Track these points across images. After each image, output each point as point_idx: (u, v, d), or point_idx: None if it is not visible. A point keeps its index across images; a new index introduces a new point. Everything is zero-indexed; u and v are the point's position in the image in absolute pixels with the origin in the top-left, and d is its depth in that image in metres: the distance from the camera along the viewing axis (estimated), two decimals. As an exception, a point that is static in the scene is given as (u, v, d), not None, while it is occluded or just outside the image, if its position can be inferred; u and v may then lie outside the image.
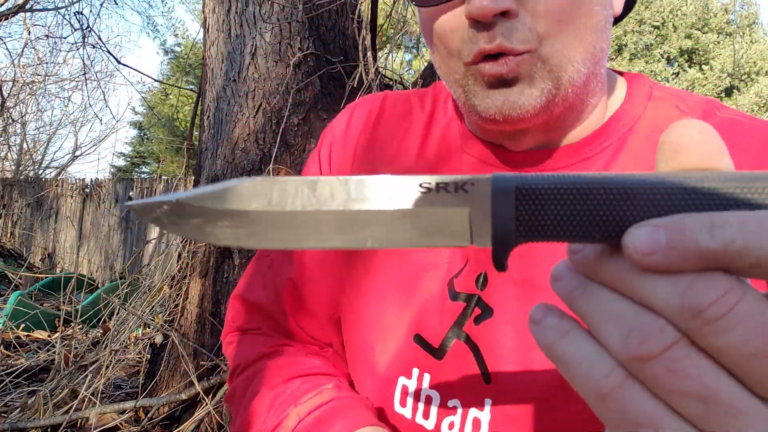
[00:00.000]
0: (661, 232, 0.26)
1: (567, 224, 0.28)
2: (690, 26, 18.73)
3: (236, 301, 0.83)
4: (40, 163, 12.42)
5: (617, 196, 0.27)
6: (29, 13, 6.76)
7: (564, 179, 0.28)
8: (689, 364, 0.26)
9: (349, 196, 0.30)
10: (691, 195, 0.27)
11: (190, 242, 2.57)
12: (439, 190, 0.30)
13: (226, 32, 2.60)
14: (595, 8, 0.58)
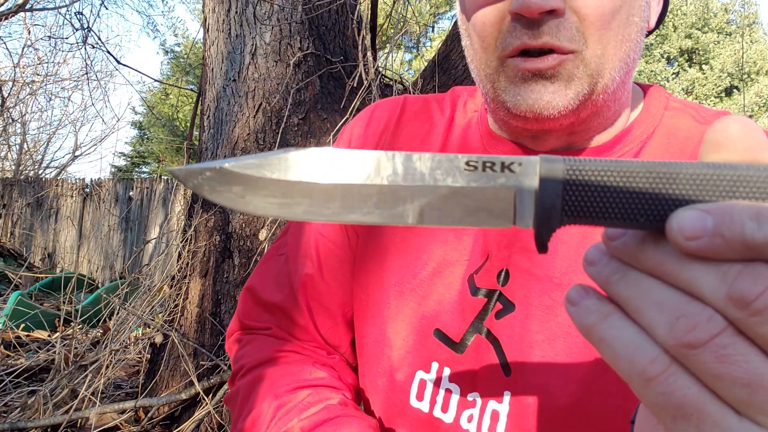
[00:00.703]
0: (709, 218, 0.26)
1: (612, 206, 0.28)
2: (690, 26, 18.73)
3: (248, 295, 0.83)
4: (40, 163, 12.42)
5: (663, 179, 0.28)
6: (29, 13, 6.76)
7: (610, 163, 0.28)
8: (736, 351, 0.26)
9: (395, 171, 0.30)
10: (736, 183, 0.27)
11: (191, 242, 2.57)
12: (485, 169, 0.30)
13: (226, 32, 2.60)
14: (634, 18, 0.59)
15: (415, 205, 0.30)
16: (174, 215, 5.24)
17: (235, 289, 2.48)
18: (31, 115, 11.95)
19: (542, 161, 0.29)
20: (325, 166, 0.31)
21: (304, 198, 0.31)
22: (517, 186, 0.30)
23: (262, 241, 2.45)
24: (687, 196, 0.28)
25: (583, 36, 0.57)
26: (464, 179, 0.30)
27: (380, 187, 0.30)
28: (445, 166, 0.30)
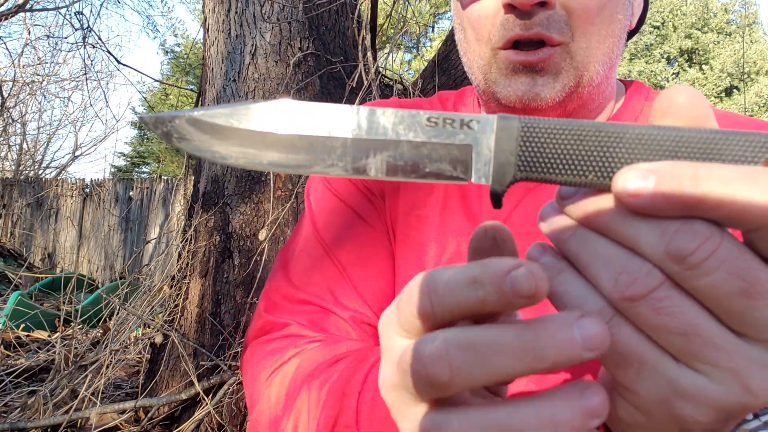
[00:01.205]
0: (651, 176, 0.28)
1: (563, 163, 0.30)
2: (690, 26, 18.73)
3: (272, 293, 0.76)
4: (40, 163, 12.42)
5: (611, 138, 0.30)
6: (29, 13, 6.76)
7: (563, 122, 0.30)
8: (672, 303, 0.28)
9: (359, 125, 0.31)
10: (678, 144, 0.29)
11: (191, 242, 2.57)
12: (445, 125, 0.31)
13: (226, 32, 2.60)
14: (618, 16, 0.63)
15: (377, 159, 0.31)
16: (174, 215, 5.24)
17: (235, 289, 2.48)
18: (31, 115, 11.96)
19: (499, 119, 0.31)
20: (291, 118, 0.32)
21: (269, 148, 0.32)
22: (474, 142, 0.31)
23: (262, 241, 2.45)
24: (633, 154, 0.29)
25: (571, 29, 0.60)
26: (425, 134, 0.31)
27: (344, 140, 0.31)
28: (407, 122, 0.31)
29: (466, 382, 0.29)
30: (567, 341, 0.28)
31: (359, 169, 0.32)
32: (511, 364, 0.28)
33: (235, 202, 2.51)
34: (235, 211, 2.50)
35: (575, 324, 0.29)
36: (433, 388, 0.29)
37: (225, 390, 2.33)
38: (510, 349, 0.28)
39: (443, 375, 0.28)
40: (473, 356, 0.28)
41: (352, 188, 0.77)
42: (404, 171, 0.32)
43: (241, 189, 2.51)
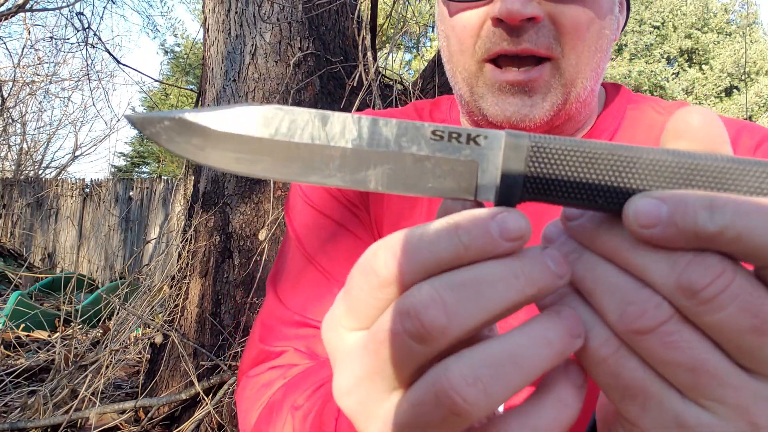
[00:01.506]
0: (664, 206, 0.26)
1: (573, 186, 0.29)
2: (690, 26, 18.73)
3: (266, 319, 0.75)
4: (40, 163, 12.41)
5: (624, 163, 0.28)
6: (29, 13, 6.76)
7: (575, 142, 0.29)
8: (681, 338, 0.27)
9: (360, 135, 0.30)
10: (694, 172, 0.27)
11: (191, 242, 2.57)
12: (451, 140, 0.30)
13: (226, 32, 2.60)
14: (605, 31, 0.63)
15: (378, 171, 0.30)
16: (174, 215, 5.24)
17: (235, 289, 2.48)
18: (31, 115, 11.95)
19: (508, 136, 0.29)
20: (288, 124, 0.30)
21: (264, 155, 0.30)
22: (481, 158, 0.29)
23: (262, 241, 2.45)
24: (646, 181, 0.28)
25: (560, 44, 0.60)
26: (429, 148, 0.30)
27: (343, 149, 0.30)
28: (411, 134, 0.30)
29: (464, 323, 0.27)
30: (543, 265, 0.28)
31: (358, 180, 0.30)
32: (504, 293, 0.27)
33: (235, 202, 2.51)
34: (235, 211, 2.50)
35: (543, 253, 0.28)
36: (427, 340, 0.27)
37: (225, 390, 2.33)
38: (501, 278, 0.28)
39: (440, 319, 0.27)
40: (466, 293, 0.27)
41: (332, 201, 0.76)
42: (406, 185, 0.30)
43: (241, 189, 2.51)
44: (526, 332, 0.28)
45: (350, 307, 0.31)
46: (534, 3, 0.58)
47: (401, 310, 0.28)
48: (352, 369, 0.30)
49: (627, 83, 17.60)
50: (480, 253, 0.28)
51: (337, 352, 0.32)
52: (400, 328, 0.28)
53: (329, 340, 0.32)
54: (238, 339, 2.41)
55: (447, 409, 0.27)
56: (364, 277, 0.29)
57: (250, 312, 2.45)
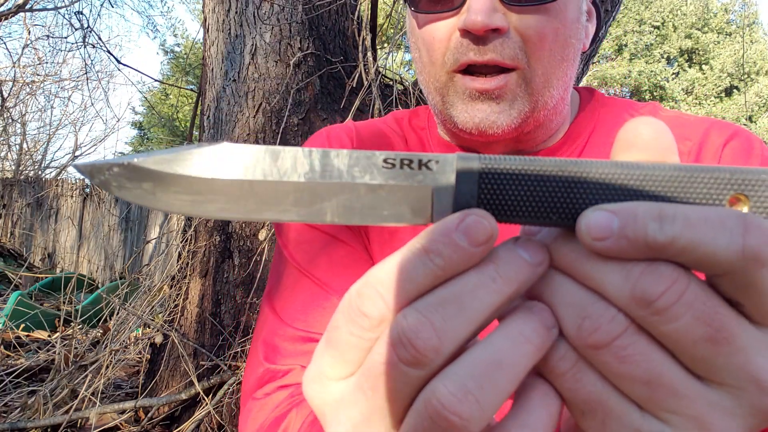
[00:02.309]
0: (615, 219, 0.27)
1: (526, 204, 0.29)
2: (690, 26, 18.73)
3: (269, 338, 0.74)
4: (40, 163, 12.41)
5: (574, 178, 0.28)
6: (29, 13, 6.76)
7: (524, 161, 0.29)
8: (636, 351, 0.27)
9: (312, 168, 0.30)
10: (642, 182, 0.28)
11: (191, 242, 2.57)
12: (403, 167, 0.30)
13: (226, 32, 2.60)
14: (571, 40, 0.64)
15: (333, 203, 0.30)
16: (174, 215, 5.24)
17: (235, 289, 2.48)
18: (31, 115, 11.95)
19: (458, 159, 0.30)
20: (239, 162, 0.30)
21: (217, 195, 0.30)
22: (434, 183, 0.30)
23: (262, 241, 2.45)
24: (596, 194, 0.28)
25: (526, 55, 0.62)
26: (382, 177, 0.30)
27: (297, 184, 0.30)
28: (363, 164, 0.30)
29: (455, 337, 0.27)
30: (517, 260, 0.28)
31: (314, 213, 0.30)
32: (487, 299, 0.28)
33: (235, 202, 2.51)
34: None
35: (515, 247, 0.29)
36: (423, 363, 0.27)
37: (225, 390, 2.33)
38: (479, 285, 0.28)
39: (432, 340, 0.27)
40: (451, 309, 0.27)
41: None
42: (362, 215, 0.30)
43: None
44: (504, 334, 0.28)
45: (339, 354, 0.30)
46: (499, 14, 0.60)
47: (393, 340, 0.28)
48: (348, 416, 0.30)
49: (627, 83, 17.59)
50: (457, 269, 0.28)
51: (325, 406, 0.32)
52: (395, 358, 0.28)
53: (314, 396, 0.32)
54: (238, 339, 2.41)
55: (445, 430, 0.27)
56: (353, 321, 0.29)
57: (250, 312, 2.45)
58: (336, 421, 0.31)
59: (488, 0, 0.59)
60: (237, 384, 2.34)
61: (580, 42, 0.67)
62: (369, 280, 0.29)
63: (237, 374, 2.36)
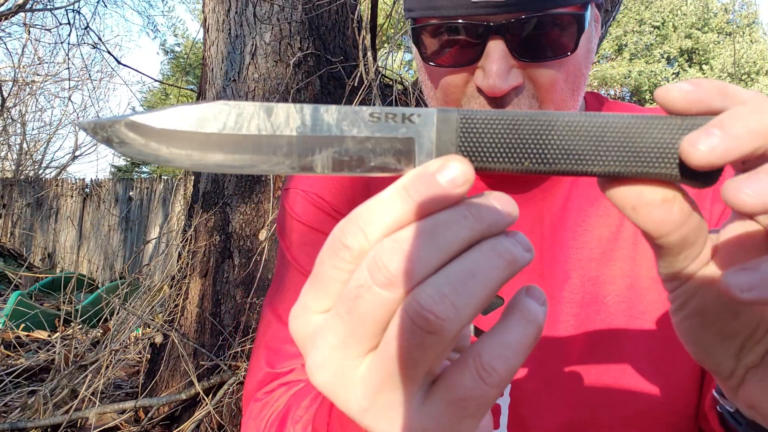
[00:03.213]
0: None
1: (501, 150, 0.32)
2: (690, 26, 18.73)
3: (271, 343, 0.74)
4: (40, 163, 12.41)
5: (543, 126, 0.31)
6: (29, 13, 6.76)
7: (499, 113, 0.32)
8: None
9: (304, 122, 0.32)
10: (604, 130, 0.31)
11: (191, 242, 2.57)
12: (388, 120, 0.32)
13: (226, 32, 2.60)
14: (583, 71, 0.64)
15: (323, 155, 0.32)
16: (174, 215, 5.23)
17: (235, 289, 2.48)
18: (31, 115, 11.95)
19: (439, 112, 0.32)
20: (235, 118, 0.32)
21: (215, 149, 0.32)
22: (417, 135, 0.32)
23: (262, 241, 2.45)
24: (564, 140, 0.31)
25: (538, 100, 0.62)
26: (368, 129, 0.32)
27: (289, 137, 0.32)
28: (351, 118, 0.32)
29: (425, 263, 0.29)
30: (488, 204, 0.31)
31: (305, 166, 0.32)
32: (458, 232, 0.30)
33: (235, 202, 2.51)
34: (235, 211, 2.50)
35: (487, 194, 0.31)
36: (393, 284, 0.29)
37: (225, 390, 2.33)
38: (450, 220, 0.30)
39: (403, 264, 0.29)
40: (423, 239, 0.29)
41: (321, 215, 0.77)
42: (350, 166, 0.32)
43: (241, 189, 2.51)
44: (479, 249, 0.30)
45: (321, 287, 0.32)
46: (514, 71, 0.59)
47: (369, 265, 0.30)
48: (324, 340, 0.32)
49: (627, 83, 17.59)
50: (433, 207, 0.30)
51: (306, 338, 0.33)
52: (369, 281, 0.29)
53: (298, 329, 0.33)
54: (238, 339, 2.41)
55: (423, 330, 0.29)
56: (335, 254, 0.31)
57: (250, 312, 2.45)
58: (315, 348, 0.32)
59: (504, 60, 0.58)
60: (237, 384, 2.34)
61: (591, 63, 0.67)
62: (351, 216, 0.31)
63: (237, 374, 2.36)
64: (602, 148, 0.31)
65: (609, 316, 0.65)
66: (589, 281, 0.67)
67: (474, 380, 0.30)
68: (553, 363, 0.64)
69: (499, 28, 0.57)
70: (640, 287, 0.66)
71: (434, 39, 0.62)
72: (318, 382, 0.32)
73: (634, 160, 0.31)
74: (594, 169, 0.31)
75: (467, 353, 0.31)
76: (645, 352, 0.64)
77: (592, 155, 0.31)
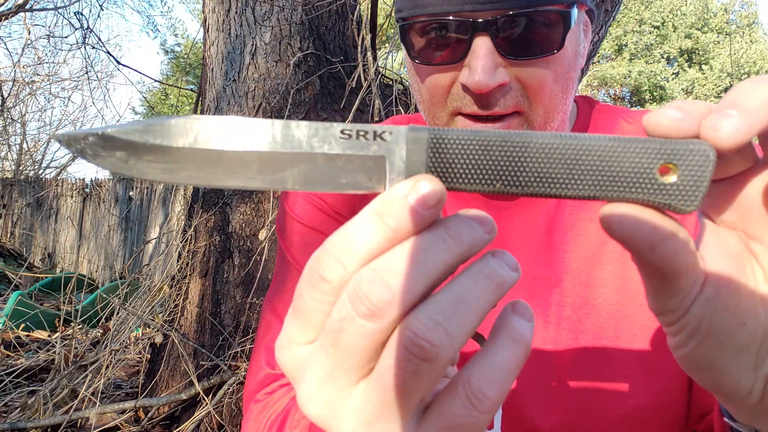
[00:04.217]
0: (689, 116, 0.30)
1: (472, 172, 0.31)
2: (690, 26, 18.72)
3: (272, 343, 0.75)
4: (40, 163, 12.40)
5: (516, 148, 0.31)
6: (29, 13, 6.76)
7: (471, 132, 0.31)
8: None
9: (274, 138, 0.32)
10: (579, 152, 0.30)
11: (191, 242, 2.57)
12: (359, 137, 0.32)
13: (226, 32, 2.60)
14: (571, 74, 0.64)
15: (294, 171, 0.32)
16: (174, 215, 5.24)
17: (235, 289, 2.48)
18: (31, 115, 11.95)
19: (409, 130, 0.32)
20: (207, 132, 0.32)
21: (187, 163, 0.32)
22: (388, 153, 0.32)
23: (262, 241, 2.45)
24: (537, 162, 0.31)
25: (527, 100, 0.61)
26: (339, 147, 0.32)
27: (260, 153, 0.32)
28: (322, 134, 0.32)
29: (408, 290, 0.29)
30: (466, 224, 0.30)
31: (276, 181, 0.32)
32: (438, 256, 0.29)
33: (235, 202, 2.51)
34: (235, 211, 2.50)
35: (461, 215, 0.31)
36: (378, 315, 0.29)
37: (225, 390, 2.33)
38: (430, 244, 0.29)
39: (385, 294, 0.28)
40: (403, 265, 0.29)
41: (321, 216, 0.76)
42: (321, 183, 0.32)
43: (241, 189, 2.50)
44: (467, 274, 0.30)
45: (304, 320, 0.32)
46: (500, 69, 0.59)
47: (350, 296, 0.29)
48: (312, 374, 0.31)
49: (627, 83, 17.58)
50: (408, 231, 0.30)
51: (294, 370, 0.33)
52: (352, 313, 0.29)
53: (285, 361, 0.33)
54: (238, 339, 2.41)
55: (418, 358, 0.28)
56: (314, 287, 0.31)
57: (250, 312, 2.45)
58: (303, 381, 0.32)
59: (489, 57, 0.58)
60: (237, 384, 2.34)
61: (579, 67, 0.67)
62: (327, 246, 0.31)
63: (237, 374, 2.36)
64: (577, 171, 0.30)
65: (600, 319, 0.65)
66: (580, 284, 0.67)
67: (465, 408, 0.29)
68: (546, 365, 0.65)
69: (485, 24, 0.57)
70: (630, 290, 0.66)
71: (421, 37, 0.62)
72: (309, 414, 0.32)
73: (610, 185, 0.30)
74: (568, 192, 0.31)
75: (457, 379, 0.30)
76: (635, 354, 0.64)
77: (567, 179, 0.31)
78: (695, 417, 0.64)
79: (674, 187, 0.30)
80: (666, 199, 0.30)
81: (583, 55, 0.69)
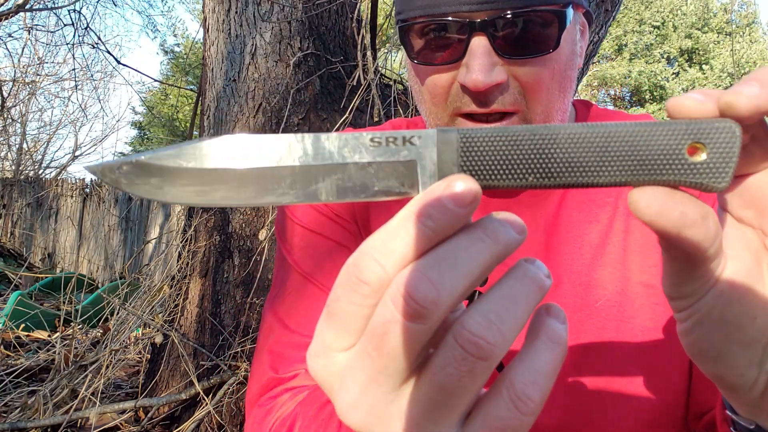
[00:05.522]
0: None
1: (503, 167, 0.32)
2: (690, 26, 18.72)
3: (275, 347, 0.74)
4: (40, 163, 12.40)
5: (545, 140, 0.31)
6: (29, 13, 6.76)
7: (499, 129, 0.32)
8: None
9: (306, 152, 0.32)
10: (607, 140, 0.31)
11: (191, 242, 2.57)
12: (389, 144, 0.32)
13: (226, 32, 2.60)
14: (568, 73, 0.65)
15: (327, 183, 0.32)
16: (174, 215, 5.23)
17: (235, 289, 2.48)
18: (31, 115, 11.95)
19: (438, 132, 0.32)
20: (238, 151, 0.32)
21: (220, 184, 0.32)
22: (418, 157, 0.32)
23: (262, 241, 2.45)
24: (567, 153, 0.31)
25: (525, 98, 0.62)
26: (370, 155, 0.32)
27: (292, 168, 0.32)
28: (352, 144, 0.32)
29: (451, 290, 0.29)
30: (500, 224, 0.31)
31: (310, 194, 0.32)
32: (477, 255, 0.29)
33: (235, 202, 2.50)
34: (235, 210, 2.50)
35: (495, 216, 0.31)
36: (424, 316, 0.29)
37: (225, 390, 2.33)
38: (469, 244, 0.30)
39: (431, 293, 0.28)
40: (445, 265, 0.29)
41: (321, 218, 0.76)
42: (354, 192, 0.32)
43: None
44: (512, 276, 0.31)
45: (341, 325, 0.31)
46: (498, 68, 0.60)
47: (394, 297, 0.29)
48: (354, 380, 0.31)
49: (627, 83, 17.58)
50: (446, 231, 0.30)
51: (331, 378, 0.32)
52: (396, 315, 0.29)
53: (319, 369, 0.33)
54: (238, 339, 2.41)
55: (475, 357, 0.29)
56: (353, 290, 0.30)
57: (250, 312, 2.45)
58: (344, 389, 0.32)
59: (486, 56, 0.59)
60: (237, 384, 2.34)
61: (577, 67, 0.68)
62: (364, 249, 0.31)
63: (237, 374, 2.36)
64: (607, 159, 0.31)
65: (600, 321, 0.66)
66: (581, 286, 0.67)
67: (510, 411, 0.30)
68: None
69: (482, 24, 0.59)
70: (630, 292, 0.66)
71: (420, 38, 0.63)
72: (352, 422, 0.31)
73: (641, 169, 0.31)
74: (600, 180, 0.31)
75: (500, 382, 0.31)
76: (635, 355, 0.64)
77: (598, 167, 0.31)
78: (694, 416, 0.64)
79: (704, 165, 0.30)
80: (698, 178, 0.30)
81: (581, 56, 0.70)
